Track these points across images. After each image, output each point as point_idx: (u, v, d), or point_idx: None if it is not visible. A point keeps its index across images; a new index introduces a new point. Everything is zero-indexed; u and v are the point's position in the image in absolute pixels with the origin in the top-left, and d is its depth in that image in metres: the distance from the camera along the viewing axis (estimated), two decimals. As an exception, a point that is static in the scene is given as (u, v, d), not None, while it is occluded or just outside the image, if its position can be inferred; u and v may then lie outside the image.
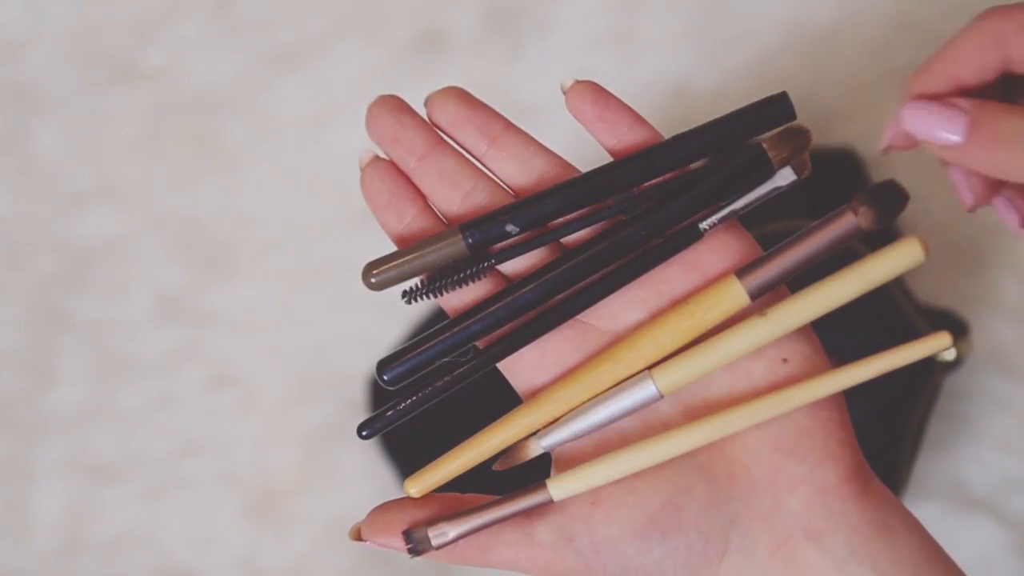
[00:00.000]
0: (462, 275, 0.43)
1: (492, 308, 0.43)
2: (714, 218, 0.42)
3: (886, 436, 0.65)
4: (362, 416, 0.76)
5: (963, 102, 0.39)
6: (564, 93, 0.44)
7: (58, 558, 0.77)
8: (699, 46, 0.81)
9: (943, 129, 0.39)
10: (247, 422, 0.78)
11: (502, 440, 0.43)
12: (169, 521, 0.77)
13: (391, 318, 0.75)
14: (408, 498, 0.43)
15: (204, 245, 0.82)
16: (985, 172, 0.39)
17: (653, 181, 0.44)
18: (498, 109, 0.47)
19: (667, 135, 0.46)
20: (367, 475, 0.76)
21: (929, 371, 0.65)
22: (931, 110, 0.39)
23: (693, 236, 0.42)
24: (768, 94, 0.45)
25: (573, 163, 0.45)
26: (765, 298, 0.41)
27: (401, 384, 0.43)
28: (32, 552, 0.77)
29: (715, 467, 0.41)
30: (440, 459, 0.43)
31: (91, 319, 0.81)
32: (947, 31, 0.41)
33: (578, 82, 0.44)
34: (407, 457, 0.73)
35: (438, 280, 0.43)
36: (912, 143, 0.41)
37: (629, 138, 0.44)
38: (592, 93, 0.44)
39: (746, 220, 0.44)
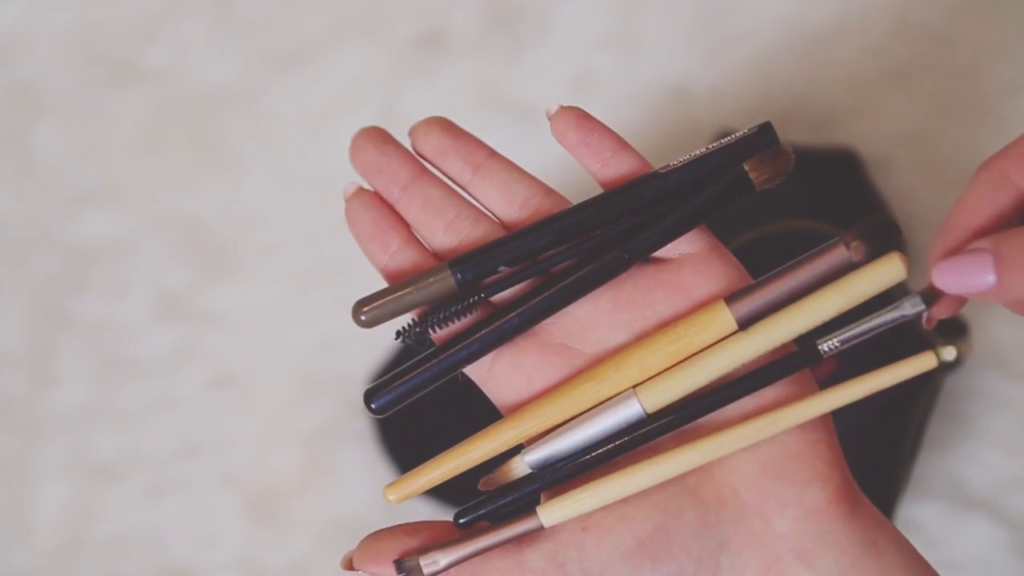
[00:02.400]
0: (454, 310, 0.43)
1: (479, 335, 0.43)
2: (835, 340, 0.41)
3: (886, 436, 0.65)
4: (362, 416, 0.76)
5: (981, 242, 0.38)
6: (549, 119, 0.44)
7: (58, 558, 0.77)
8: (699, 46, 0.81)
9: (974, 276, 0.38)
10: (247, 422, 0.78)
11: (484, 452, 0.43)
12: (169, 521, 0.77)
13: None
14: (399, 526, 0.43)
15: (204, 245, 0.82)
16: None
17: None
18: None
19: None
20: (367, 475, 0.76)
21: (929, 371, 0.65)
22: (955, 264, 0.38)
23: (813, 357, 0.41)
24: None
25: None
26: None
27: (389, 412, 0.43)
28: (32, 552, 0.77)
29: (705, 491, 0.41)
30: (419, 468, 0.43)
31: (91, 319, 0.81)
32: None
33: (562, 108, 0.44)
34: (407, 457, 0.73)
35: (430, 317, 0.43)
36: (955, 304, 0.40)
37: (613, 162, 0.44)
38: (576, 119, 0.44)
39: (745, 221, 0.44)
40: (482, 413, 0.45)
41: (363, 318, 0.44)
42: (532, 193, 0.45)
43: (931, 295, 0.40)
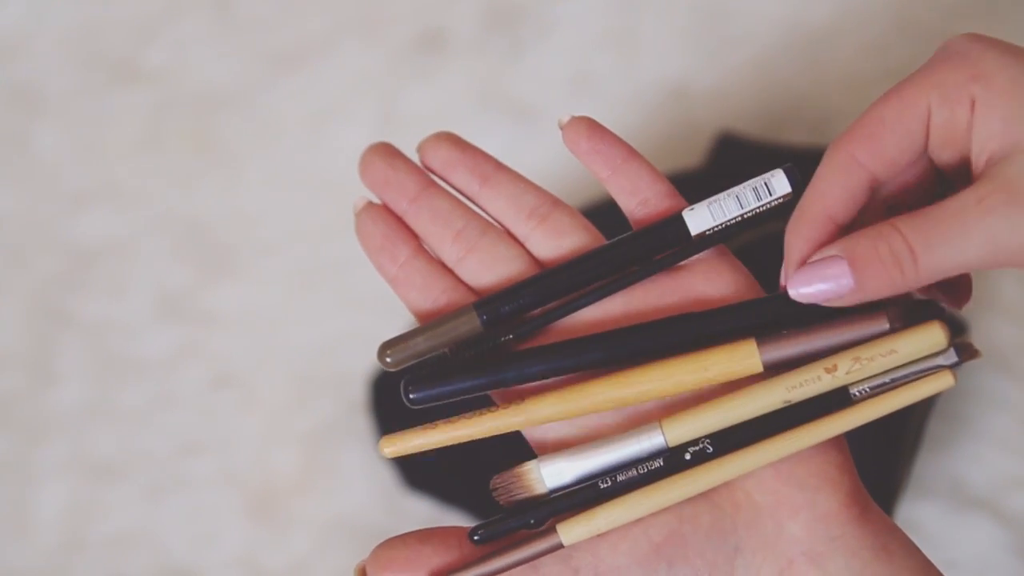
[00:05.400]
0: (481, 351, 0.43)
1: (534, 363, 0.43)
2: (866, 386, 0.41)
3: (886, 436, 0.65)
4: (362, 416, 0.76)
5: (833, 248, 0.39)
6: (561, 129, 0.45)
7: (59, 557, 0.77)
8: (699, 46, 0.81)
9: (833, 285, 0.39)
10: (247, 422, 0.78)
11: (490, 428, 0.42)
12: (169, 520, 0.77)
13: (391, 318, 0.75)
14: (411, 533, 0.43)
15: (204, 245, 0.82)
16: (893, 294, 0.39)
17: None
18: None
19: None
20: (367, 475, 0.76)
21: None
22: (811, 275, 0.39)
23: (844, 400, 0.41)
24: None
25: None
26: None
27: (422, 407, 0.43)
28: (33, 551, 0.77)
29: (719, 495, 0.42)
30: (422, 428, 0.43)
31: (92, 319, 0.81)
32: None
33: (574, 118, 0.45)
34: (407, 457, 0.73)
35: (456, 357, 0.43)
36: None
37: (623, 169, 0.44)
38: (587, 128, 0.45)
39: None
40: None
41: (388, 360, 0.44)
42: (540, 203, 0.45)
43: (964, 347, 0.40)
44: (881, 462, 0.64)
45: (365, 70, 0.84)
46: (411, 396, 0.43)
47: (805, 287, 0.40)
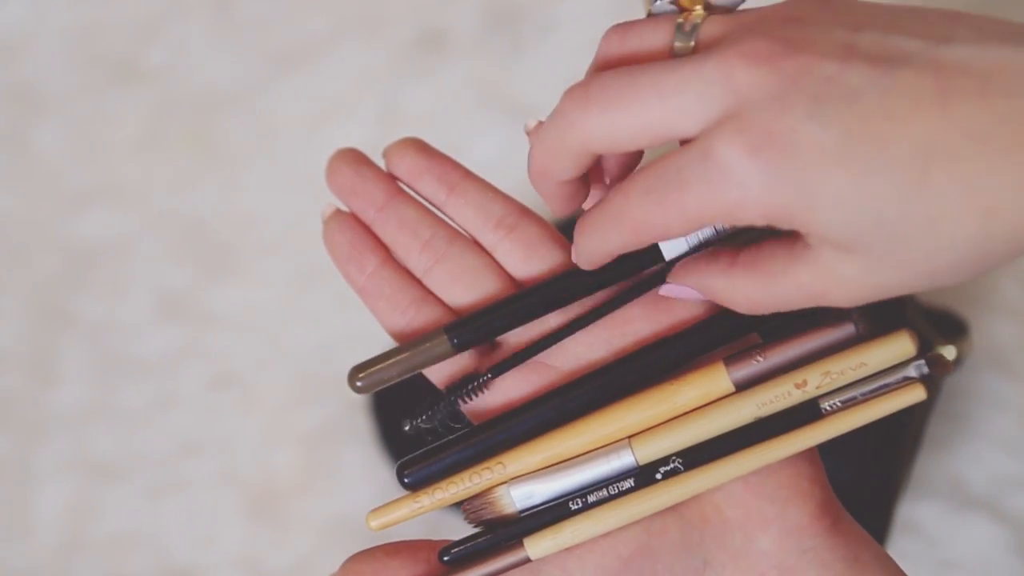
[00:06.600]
0: (461, 394, 0.43)
1: (525, 418, 0.42)
2: (837, 400, 0.40)
3: (886, 436, 0.65)
4: (362, 416, 0.76)
5: (689, 283, 0.40)
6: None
7: (58, 557, 0.77)
8: (699, 46, 0.81)
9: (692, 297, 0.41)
10: (247, 422, 0.79)
11: (471, 492, 0.42)
12: (169, 520, 0.77)
13: (391, 318, 0.76)
14: (380, 547, 0.43)
15: (204, 245, 0.82)
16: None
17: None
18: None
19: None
20: (367, 475, 0.76)
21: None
22: (679, 294, 0.41)
23: (814, 413, 0.40)
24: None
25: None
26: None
27: (420, 487, 0.43)
28: (33, 551, 0.77)
29: (688, 509, 0.41)
30: (403, 498, 0.43)
31: (92, 319, 0.81)
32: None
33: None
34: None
35: (436, 404, 0.43)
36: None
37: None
38: None
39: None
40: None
41: (359, 384, 0.44)
42: (507, 212, 0.45)
43: (935, 360, 0.40)
44: (881, 462, 0.64)
45: (365, 70, 0.84)
46: (406, 480, 0.43)
47: (676, 295, 0.42)
